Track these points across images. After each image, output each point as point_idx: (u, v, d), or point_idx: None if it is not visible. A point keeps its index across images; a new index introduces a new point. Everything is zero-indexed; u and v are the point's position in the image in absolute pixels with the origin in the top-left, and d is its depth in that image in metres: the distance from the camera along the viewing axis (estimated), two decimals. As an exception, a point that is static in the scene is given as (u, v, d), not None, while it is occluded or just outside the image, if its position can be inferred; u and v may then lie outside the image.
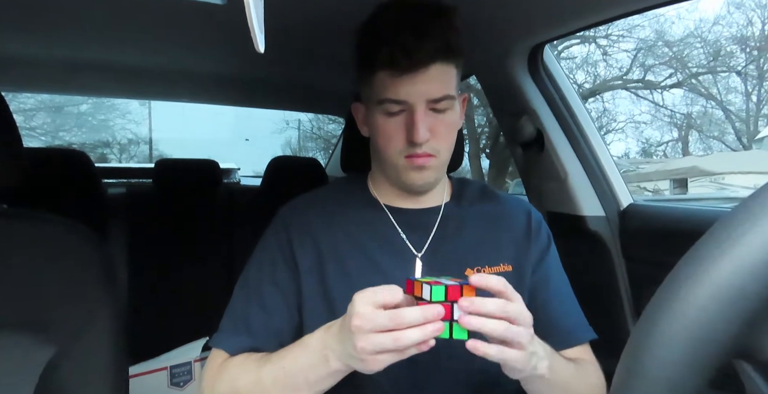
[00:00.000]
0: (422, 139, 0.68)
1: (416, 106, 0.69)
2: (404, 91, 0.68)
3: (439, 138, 0.71)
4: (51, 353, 0.63)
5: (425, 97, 0.69)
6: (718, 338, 0.24)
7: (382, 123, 0.72)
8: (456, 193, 0.84)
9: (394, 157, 0.72)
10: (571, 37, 8.69)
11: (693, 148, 12.77)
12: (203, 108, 5.90)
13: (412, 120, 0.69)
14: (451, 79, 0.71)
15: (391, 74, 0.68)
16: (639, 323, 0.26)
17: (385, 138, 0.72)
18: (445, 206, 0.81)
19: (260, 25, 0.40)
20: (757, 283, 0.23)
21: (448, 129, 0.73)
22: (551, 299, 0.78)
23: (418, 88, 0.68)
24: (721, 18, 11.22)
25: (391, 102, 0.69)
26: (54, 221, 0.70)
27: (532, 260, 0.79)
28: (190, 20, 1.11)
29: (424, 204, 0.80)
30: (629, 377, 0.25)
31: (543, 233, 0.82)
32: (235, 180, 2.58)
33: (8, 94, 1.56)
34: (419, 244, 0.77)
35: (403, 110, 0.70)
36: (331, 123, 10.55)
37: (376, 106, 0.72)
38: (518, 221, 0.81)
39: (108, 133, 11.36)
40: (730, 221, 0.25)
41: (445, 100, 0.70)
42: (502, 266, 0.77)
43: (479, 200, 0.83)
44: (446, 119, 0.72)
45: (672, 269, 0.26)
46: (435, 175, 0.74)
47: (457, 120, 0.75)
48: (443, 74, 0.69)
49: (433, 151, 0.71)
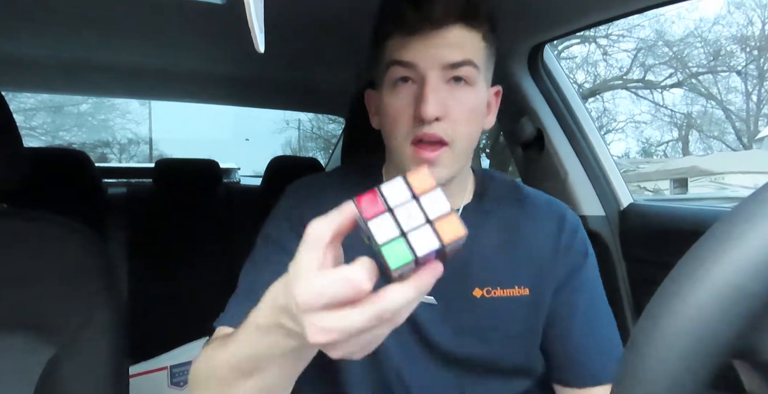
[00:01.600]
0: (430, 113, 0.56)
1: (427, 73, 0.57)
2: (414, 52, 0.58)
3: (455, 120, 0.58)
4: (51, 353, 0.63)
5: (439, 61, 0.57)
6: (718, 337, 0.24)
7: (389, 99, 0.61)
8: (479, 192, 0.71)
9: (400, 143, 0.61)
10: (571, 37, 8.69)
11: (693, 148, 12.77)
12: (203, 108, 5.90)
13: (421, 91, 0.57)
14: (475, 47, 0.60)
15: (401, 35, 0.58)
16: (639, 323, 0.26)
17: (391, 118, 0.61)
18: (464, 210, 0.68)
19: (260, 24, 0.40)
20: (757, 283, 0.23)
21: (467, 111, 0.59)
22: (576, 328, 0.66)
23: (430, 49, 0.57)
24: (722, 18, 11.22)
25: (398, 65, 0.59)
26: (54, 220, 0.70)
27: (557, 279, 0.66)
28: (190, 20, 1.11)
29: None
30: (629, 377, 0.25)
31: (577, 246, 0.68)
32: (235, 180, 2.58)
33: (8, 94, 1.56)
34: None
35: (414, 81, 0.59)
36: (331, 123, 10.55)
37: (385, 79, 0.61)
38: (546, 232, 0.68)
39: (108, 133, 11.35)
40: (730, 220, 0.25)
41: (466, 66, 0.58)
42: (516, 289, 0.65)
43: (503, 203, 0.70)
44: (466, 98, 0.59)
45: (672, 268, 0.26)
46: (447, 172, 0.61)
47: (480, 104, 0.62)
48: (463, 39, 0.58)
49: (446, 137, 0.58)
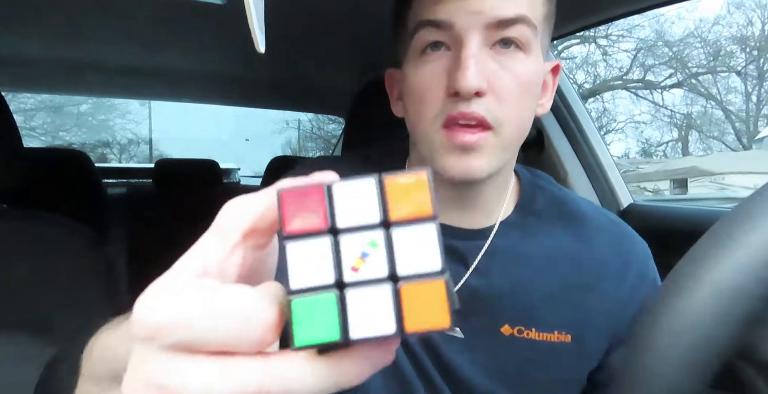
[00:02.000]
0: (470, 84, 0.42)
1: (467, 35, 0.43)
2: (449, 7, 0.44)
3: (502, 97, 0.44)
4: (51, 353, 0.63)
5: (483, 19, 0.43)
6: (719, 338, 0.23)
7: (415, 71, 0.47)
8: (523, 203, 0.55)
9: (427, 127, 0.46)
10: (571, 37, 8.69)
11: (693, 148, 12.77)
12: (203, 108, 5.90)
13: (458, 57, 0.43)
14: (532, 0, 0.45)
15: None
16: (639, 323, 0.26)
17: (417, 95, 0.47)
18: (502, 226, 0.53)
19: (260, 25, 0.40)
20: (757, 283, 0.23)
21: (519, 84, 0.45)
22: None
23: (470, 4, 0.43)
24: (721, 18, 11.23)
25: (429, 26, 0.45)
26: (54, 221, 0.70)
27: (618, 330, 0.52)
28: (190, 20, 1.11)
29: (474, 221, 0.53)
30: (630, 377, 0.25)
31: (646, 286, 0.53)
32: (235, 180, 2.58)
33: (8, 94, 1.56)
34: (455, 276, 0.52)
35: (448, 48, 0.45)
36: (331, 123, 10.55)
37: (411, 47, 0.47)
38: (607, 268, 0.53)
39: (108, 133, 11.35)
40: (730, 220, 0.25)
41: (518, 25, 0.44)
42: (556, 334, 0.51)
43: (552, 221, 0.54)
44: (518, 67, 0.45)
45: (672, 269, 0.26)
46: (489, 164, 0.46)
47: (535, 78, 0.47)
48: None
49: (489, 117, 0.44)
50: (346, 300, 0.17)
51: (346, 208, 0.18)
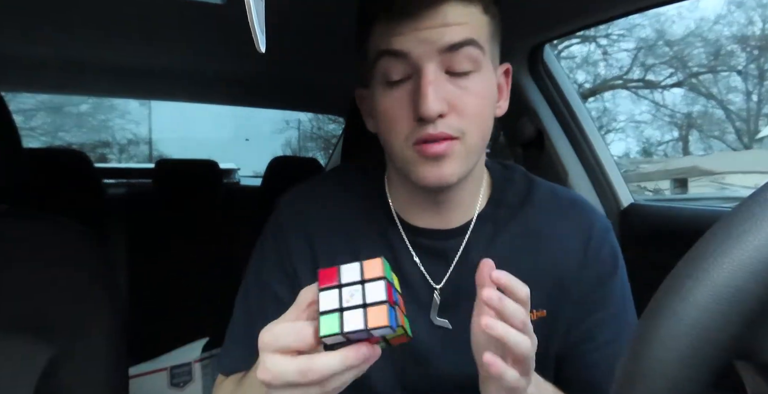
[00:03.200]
0: (432, 110, 0.48)
1: (423, 63, 0.49)
2: (405, 38, 0.49)
3: (463, 114, 0.50)
4: (51, 354, 0.63)
5: (436, 46, 0.49)
6: (719, 338, 0.23)
7: (382, 98, 0.52)
8: (495, 197, 0.61)
9: (400, 147, 0.52)
10: (571, 37, 8.69)
11: (693, 147, 12.76)
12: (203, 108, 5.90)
13: (418, 85, 0.49)
14: (477, 24, 0.51)
15: (388, 20, 0.50)
16: (639, 323, 0.26)
17: (387, 120, 0.52)
18: (477, 221, 0.59)
19: (261, 24, 0.40)
20: (758, 283, 0.23)
21: (476, 102, 0.51)
22: (595, 349, 0.58)
23: (423, 34, 0.48)
24: (722, 17, 11.22)
25: (388, 56, 0.50)
26: (54, 220, 0.70)
27: (578, 293, 0.58)
28: (190, 20, 1.11)
29: (449, 222, 0.59)
30: (629, 377, 0.25)
31: (603, 256, 0.60)
32: (235, 180, 2.59)
33: (8, 94, 1.56)
34: (438, 273, 0.59)
35: (409, 77, 0.51)
36: (331, 123, 10.53)
37: (375, 74, 0.53)
38: (570, 243, 0.59)
39: (108, 133, 11.34)
40: (730, 220, 0.25)
41: (467, 47, 0.49)
42: (534, 312, 0.57)
43: (520, 210, 0.60)
44: (473, 87, 0.51)
45: (672, 268, 0.26)
46: (459, 169, 0.52)
47: (489, 90, 0.53)
48: (461, 15, 0.49)
49: (455, 132, 0.50)
50: (343, 314, 0.38)
51: (345, 276, 0.40)
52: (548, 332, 0.58)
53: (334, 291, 0.39)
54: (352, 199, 0.64)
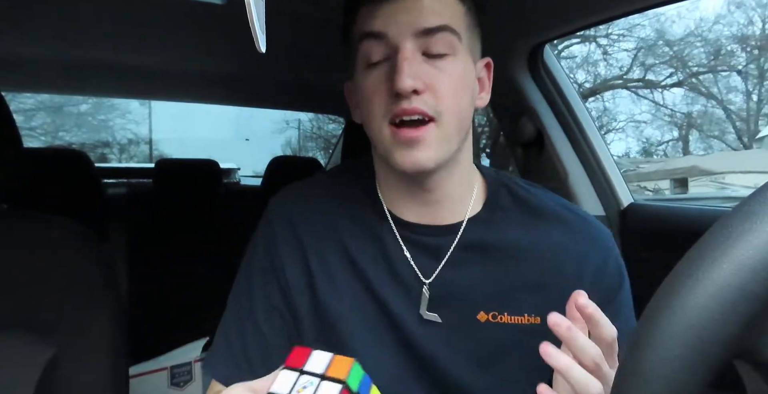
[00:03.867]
0: (406, 84, 0.50)
1: (400, 42, 0.52)
2: (383, 20, 0.52)
3: (438, 93, 0.52)
4: (51, 353, 0.63)
5: (411, 28, 0.52)
6: (719, 338, 0.23)
7: (363, 79, 0.55)
8: (490, 202, 0.61)
9: (378, 126, 0.54)
10: (571, 37, 8.69)
11: (693, 147, 12.76)
12: (203, 108, 5.90)
13: (394, 63, 0.52)
14: (453, 12, 0.54)
15: (370, 5, 0.53)
16: (639, 323, 0.26)
17: (367, 99, 0.54)
18: (468, 223, 0.60)
19: (261, 24, 0.40)
20: (758, 283, 0.23)
21: (451, 82, 0.53)
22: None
23: (400, 16, 0.52)
24: (722, 17, 11.21)
25: (369, 38, 0.53)
26: (54, 220, 0.70)
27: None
28: (190, 20, 1.11)
29: (440, 218, 0.60)
30: (629, 377, 0.25)
31: (609, 274, 0.59)
32: (235, 180, 2.59)
33: (8, 94, 1.56)
34: (428, 269, 0.59)
35: (388, 58, 0.53)
36: (331, 123, 10.54)
37: (357, 58, 0.56)
38: (571, 256, 0.58)
39: (108, 133, 11.34)
40: (730, 220, 0.25)
41: (442, 32, 0.52)
42: (526, 317, 0.57)
43: (518, 216, 0.60)
44: (448, 68, 0.53)
45: (672, 268, 0.26)
46: (436, 154, 0.53)
47: (464, 75, 0.55)
48: (438, 3, 0.53)
49: (429, 111, 0.51)
50: None
51: (310, 364, 0.38)
52: (542, 338, 0.57)
53: (293, 374, 0.38)
54: (342, 196, 0.64)
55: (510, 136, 1.35)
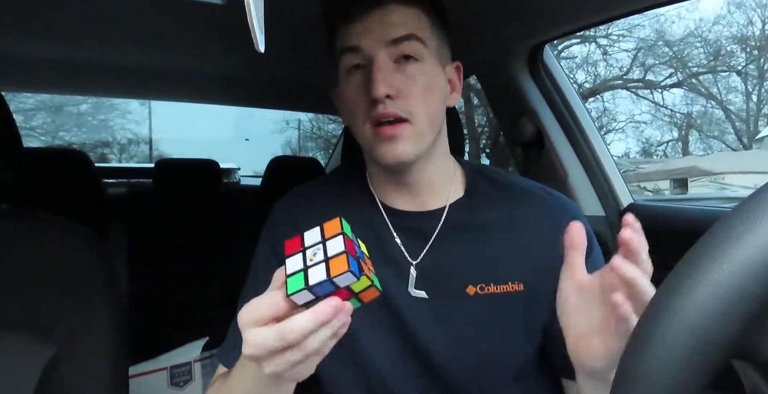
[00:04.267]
0: (380, 92, 0.57)
1: (373, 53, 0.60)
2: (357, 36, 0.60)
3: (409, 97, 0.60)
4: (51, 353, 0.63)
5: (381, 40, 0.59)
6: (718, 338, 0.23)
7: (345, 88, 0.63)
8: (469, 189, 0.69)
9: (360, 127, 0.62)
10: (571, 37, 8.69)
11: (693, 148, 12.76)
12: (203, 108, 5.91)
13: (369, 73, 0.59)
14: (417, 23, 0.61)
15: (345, 24, 0.61)
16: (638, 323, 0.26)
17: (349, 105, 0.63)
18: (451, 207, 0.67)
19: (260, 24, 0.40)
20: (757, 283, 0.23)
21: (421, 87, 0.61)
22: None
23: (371, 30, 0.60)
24: (722, 18, 11.22)
25: (347, 52, 0.61)
26: (54, 220, 0.70)
27: (557, 272, 0.63)
28: (190, 20, 1.11)
29: (424, 204, 0.67)
30: (629, 377, 0.25)
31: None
32: (235, 180, 2.58)
33: (8, 94, 1.56)
34: (416, 251, 0.66)
35: (364, 67, 0.61)
36: (331, 123, 10.55)
37: (341, 68, 0.63)
38: (541, 225, 0.65)
39: (108, 133, 11.34)
40: (730, 220, 0.25)
41: (409, 41, 0.60)
42: (510, 284, 0.64)
43: (497, 199, 0.68)
44: (416, 73, 0.61)
45: (672, 268, 0.26)
46: (411, 149, 0.61)
47: (432, 78, 0.62)
48: (403, 15, 0.60)
49: (403, 113, 0.59)
50: (308, 271, 0.41)
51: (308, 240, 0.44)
52: (526, 304, 0.64)
53: (298, 255, 0.43)
54: (338, 191, 0.73)
55: (510, 136, 1.35)
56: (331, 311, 0.40)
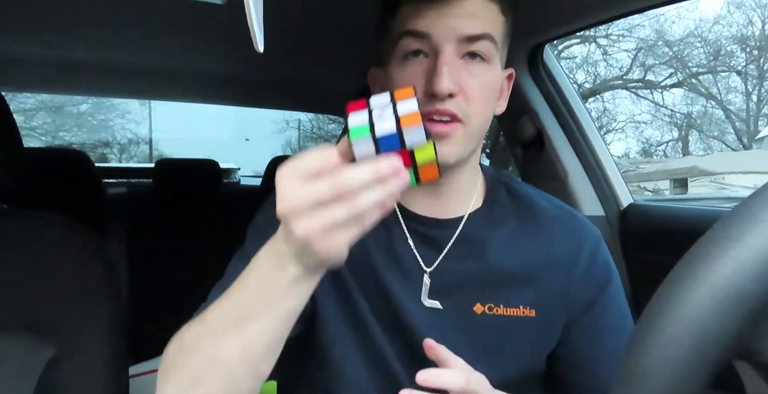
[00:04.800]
0: (445, 88, 0.51)
1: (442, 45, 0.53)
2: (428, 21, 0.53)
3: (471, 98, 0.54)
4: (51, 353, 0.63)
5: (456, 33, 0.53)
6: (718, 338, 0.23)
7: (398, 72, 0.56)
8: (489, 198, 0.65)
9: None
10: (571, 37, 8.68)
11: (693, 148, 12.77)
12: (203, 108, 5.90)
13: (435, 64, 0.53)
14: (494, 20, 0.56)
15: (415, 4, 0.54)
16: (638, 324, 0.26)
17: None
18: (470, 217, 0.63)
19: (260, 24, 0.40)
20: (757, 283, 0.23)
21: (483, 88, 0.55)
22: (597, 359, 0.61)
23: (446, 20, 0.53)
24: (722, 18, 11.22)
25: (411, 36, 0.54)
26: (54, 220, 0.70)
27: (573, 306, 0.61)
28: (190, 20, 1.11)
29: (445, 211, 0.63)
30: (629, 377, 0.25)
31: (598, 269, 0.62)
32: (235, 180, 2.59)
33: (8, 94, 1.56)
34: (431, 258, 0.61)
35: (426, 55, 0.55)
36: (331, 123, 10.56)
37: (394, 52, 0.57)
38: (562, 252, 0.61)
39: (108, 133, 11.35)
40: (730, 221, 0.25)
41: (484, 40, 0.54)
42: (521, 309, 0.60)
43: (516, 212, 0.64)
44: (483, 75, 0.55)
45: (672, 269, 0.26)
46: (458, 151, 0.56)
47: (496, 83, 0.58)
48: (482, 10, 0.55)
49: (460, 114, 0.54)
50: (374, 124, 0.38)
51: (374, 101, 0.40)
52: (537, 331, 0.60)
53: (362, 112, 0.39)
54: None
55: (510, 136, 1.35)
56: (392, 168, 0.36)
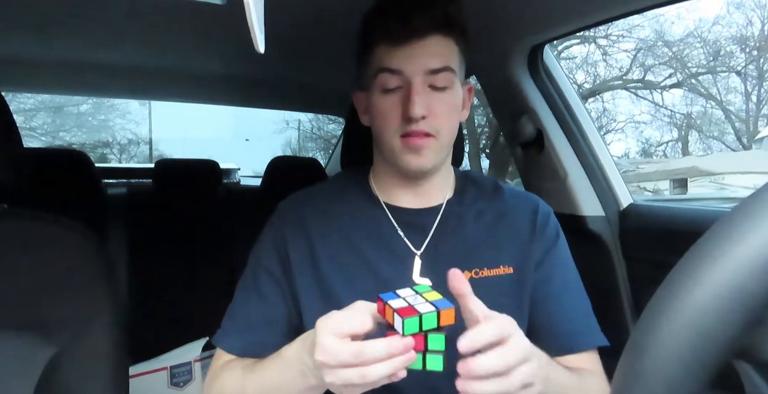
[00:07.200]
0: (417, 113, 0.65)
1: (413, 78, 0.67)
2: (400, 60, 0.67)
3: (438, 117, 0.68)
4: (51, 353, 0.63)
5: (423, 68, 0.67)
6: (718, 337, 0.24)
7: (379, 101, 0.70)
8: (459, 189, 0.80)
9: (390, 138, 0.70)
10: (571, 37, 8.69)
11: (693, 148, 12.77)
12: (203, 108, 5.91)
13: (408, 94, 0.67)
14: (452, 54, 0.69)
15: (388, 45, 0.67)
16: (639, 323, 0.26)
17: (381, 117, 0.70)
18: (447, 204, 0.77)
19: (260, 25, 0.40)
20: (757, 283, 0.23)
21: (448, 109, 0.69)
22: (551, 299, 0.74)
23: (415, 59, 0.67)
24: (721, 18, 11.23)
25: (387, 72, 0.68)
26: (54, 220, 0.70)
27: (535, 258, 0.75)
28: (190, 20, 1.11)
29: (425, 202, 0.76)
30: (629, 377, 0.25)
31: (549, 229, 0.77)
32: (235, 180, 2.58)
33: (8, 94, 1.56)
34: (418, 242, 0.74)
35: (401, 87, 0.68)
36: (331, 123, 10.55)
37: (374, 83, 0.70)
38: (523, 219, 0.77)
39: (108, 133, 11.35)
40: (730, 221, 0.25)
41: (445, 72, 0.68)
42: (502, 268, 0.73)
43: (482, 197, 0.79)
44: (446, 99, 0.69)
45: (672, 268, 0.26)
46: (433, 159, 0.70)
47: (457, 102, 0.72)
48: (442, 47, 0.68)
49: (431, 131, 0.68)
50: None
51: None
52: (517, 286, 0.73)
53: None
54: (341, 193, 0.80)
55: (510, 136, 1.35)
56: (403, 347, 0.47)
